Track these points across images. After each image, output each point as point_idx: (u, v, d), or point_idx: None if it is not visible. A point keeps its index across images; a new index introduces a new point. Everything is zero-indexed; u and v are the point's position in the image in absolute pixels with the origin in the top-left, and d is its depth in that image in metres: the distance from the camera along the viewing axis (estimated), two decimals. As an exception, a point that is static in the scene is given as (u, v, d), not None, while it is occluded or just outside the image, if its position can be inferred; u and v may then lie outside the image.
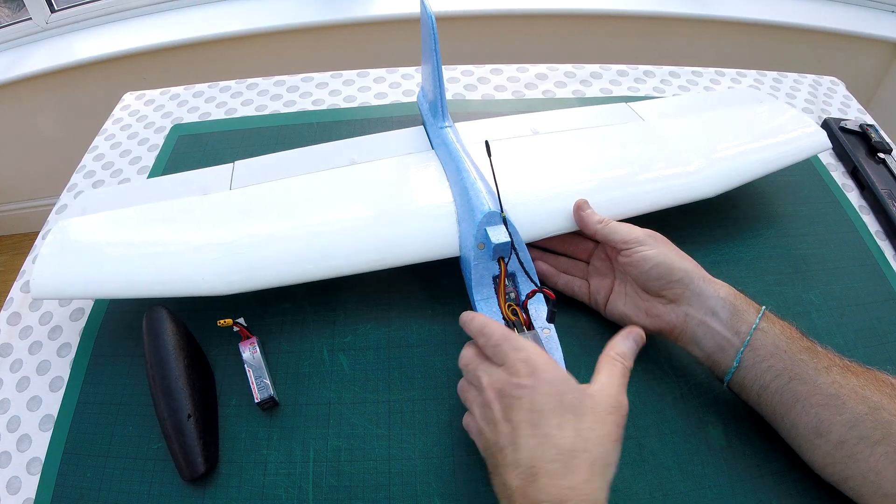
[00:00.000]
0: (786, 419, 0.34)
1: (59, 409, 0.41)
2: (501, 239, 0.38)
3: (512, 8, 1.20)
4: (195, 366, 0.40)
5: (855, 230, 0.53)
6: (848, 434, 0.32)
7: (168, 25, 1.20)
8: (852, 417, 0.32)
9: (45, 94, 1.23)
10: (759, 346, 0.35)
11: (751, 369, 0.35)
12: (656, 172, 0.47)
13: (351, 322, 0.45)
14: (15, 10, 1.25)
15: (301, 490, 0.37)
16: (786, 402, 0.34)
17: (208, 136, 0.62)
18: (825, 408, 0.33)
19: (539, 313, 0.39)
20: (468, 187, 0.43)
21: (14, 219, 1.49)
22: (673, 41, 1.25)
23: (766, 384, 0.35)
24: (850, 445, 0.32)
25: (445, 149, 0.48)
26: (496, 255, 0.39)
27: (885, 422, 0.31)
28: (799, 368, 0.34)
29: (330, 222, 0.43)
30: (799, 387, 0.34)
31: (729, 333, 0.36)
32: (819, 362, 0.34)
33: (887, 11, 1.24)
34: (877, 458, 0.31)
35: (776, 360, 0.35)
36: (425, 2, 0.46)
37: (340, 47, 1.23)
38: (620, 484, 0.37)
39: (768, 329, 0.36)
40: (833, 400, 0.32)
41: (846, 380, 0.33)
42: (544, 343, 0.37)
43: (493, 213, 0.40)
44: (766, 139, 0.51)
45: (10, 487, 0.38)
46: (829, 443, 0.32)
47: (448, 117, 0.51)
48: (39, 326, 0.47)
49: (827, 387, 0.33)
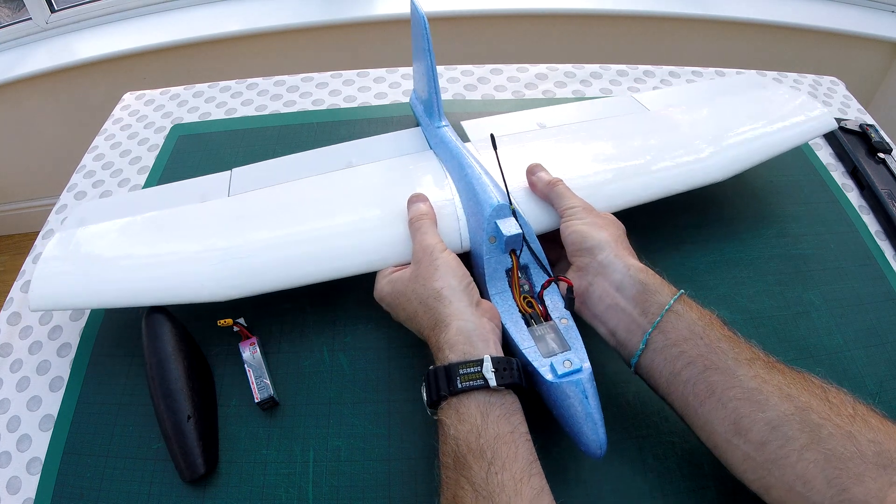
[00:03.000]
0: (699, 413, 0.31)
1: (59, 409, 0.41)
2: (512, 231, 0.38)
3: (512, 8, 1.20)
4: (194, 367, 0.40)
5: (855, 230, 0.53)
6: (770, 434, 0.28)
7: (168, 25, 1.20)
8: (776, 416, 0.28)
9: (45, 94, 1.22)
10: (671, 329, 0.33)
11: (659, 353, 0.33)
12: (667, 161, 0.47)
13: (351, 322, 0.45)
14: (15, 10, 1.25)
15: (301, 490, 0.37)
16: (699, 394, 0.31)
17: (208, 136, 0.62)
18: (745, 402, 0.29)
19: (555, 303, 0.38)
20: (474, 182, 0.42)
21: (14, 219, 1.49)
22: (673, 41, 1.25)
23: (676, 371, 0.32)
24: (774, 448, 0.28)
25: (445, 147, 0.48)
26: (508, 248, 0.39)
27: (814, 424, 0.27)
28: (716, 357, 0.31)
29: (329, 225, 0.43)
30: (715, 377, 0.31)
31: (635, 312, 0.34)
32: (740, 353, 0.31)
33: (887, 11, 1.24)
34: (805, 464, 0.27)
35: (690, 345, 0.32)
36: (416, 2, 0.46)
37: (340, 47, 1.23)
38: (620, 484, 0.37)
39: (683, 312, 0.33)
40: (754, 394, 0.29)
41: (770, 375, 0.30)
42: (563, 333, 0.36)
43: (502, 206, 0.40)
44: (773, 122, 0.52)
45: (10, 487, 0.38)
46: (749, 443, 0.29)
47: (444, 116, 0.51)
48: (39, 326, 0.47)
49: (748, 380, 0.30)
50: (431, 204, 0.43)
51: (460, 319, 0.35)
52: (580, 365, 0.34)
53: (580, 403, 0.33)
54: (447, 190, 0.45)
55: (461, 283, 0.37)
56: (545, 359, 0.35)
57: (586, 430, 0.33)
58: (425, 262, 0.38)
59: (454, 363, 0.32)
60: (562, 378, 0.33)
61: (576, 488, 0.37)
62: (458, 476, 0.30)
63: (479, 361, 0.32)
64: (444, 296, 0.36)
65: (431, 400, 0.33)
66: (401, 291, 0.38)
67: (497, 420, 0.31)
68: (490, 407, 0.31)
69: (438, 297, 0.36)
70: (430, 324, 0.36)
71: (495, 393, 0.32)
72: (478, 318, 0.35)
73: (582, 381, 0.33)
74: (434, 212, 0.42)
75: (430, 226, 0.41)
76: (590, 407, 0.33)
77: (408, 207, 0.43)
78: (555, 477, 0.37)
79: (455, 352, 0.33)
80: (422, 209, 0.42)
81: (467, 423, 0.31)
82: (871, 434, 0.27)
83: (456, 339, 0.34)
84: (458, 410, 0.31)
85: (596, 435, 0.33)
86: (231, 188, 0.49)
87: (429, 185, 0.46)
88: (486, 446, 0.30)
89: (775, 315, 0.46)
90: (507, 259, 0.40)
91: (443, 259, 0.38)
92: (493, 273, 0.40)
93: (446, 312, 0.35)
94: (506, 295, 0.39)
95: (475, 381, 0.31)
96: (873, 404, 0.29)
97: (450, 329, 0.34)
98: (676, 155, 0.48)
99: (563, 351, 0.35)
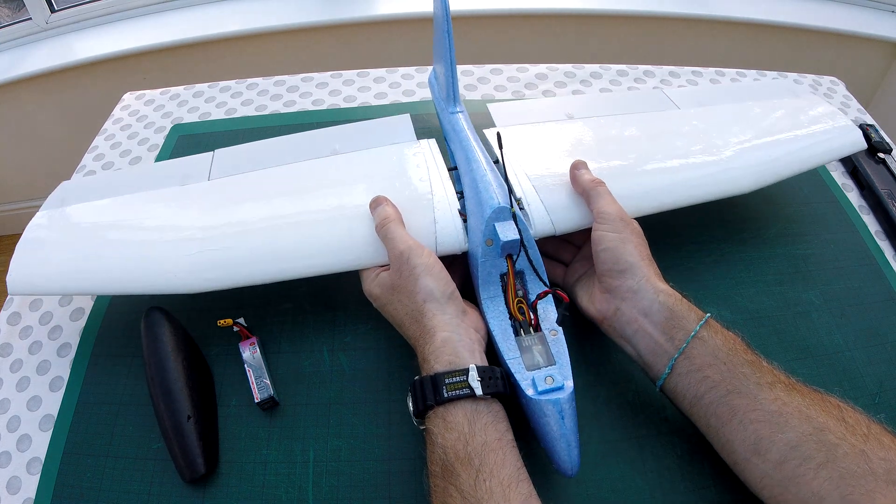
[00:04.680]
0: (721, 433, 0.33)
1: (59, 409, 0.41)
2: (510, 236, 0.37)
3: (512, 8, 1.20)
4: (194, 367, 0.40)
5: (855, 230, 0.53)
6: (789, 454, 0.30)
7: (168, 25, 1.20)
8: (795, 437, 0.30)
9: (45, 94, 1.22)
10: (696, 356, 0.34)
11: (684, 377, 0.34)
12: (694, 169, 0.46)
13: (351, 322, 0.45)
14: (15, 10, 1.25)
15: (301, 490, 0.37)
16: (721, 415, 0.32)
17: (208, 136, 0.62)
18: (765, 424, 0.31)
19: (548, 314, 0.37)
20: (478, 179, 0.41)
21: (14, 219, 1.48)
22: (673, 41, 1.25)
23: (700, 395, 0.33)
24: (792, 467, 0.29)
25: (456, 136, 0.46)
26: (504, 253, 0.38)
27: (831, 444, 0.29)
28: (738, 381, 0.32)
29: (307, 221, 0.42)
30: (737, 400, 0.32)
31: (662, 338, 0.35)
32: (762, 377, 0.32)
33: (887, 11, 1.24)
34: (820, 481, 0.28)
35: (713, 370, 0.33)
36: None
37: (340, 47, 1.23)
38: (620, 484, 0.37)
39: (708, 338, 0.34)
40: (774, 417, 0.31)
41: (790, 398, 0.31)
42: (551, 346, 0.36)
43: (502, 209, 0.38)
44: (803, 139, 0.50)
45: (10, 487, 0.38)
46: (768, 462, 0.30)
47: (460, 102, 0.49)
48: (39, 326, 0.47)
49: (769, 403, 0.31)
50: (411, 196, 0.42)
51: (444, 331, 0.35)
52: (562, 383, 0.34)
53: (556, 423, 0.33)
54: (426, 184, 0.44)
55: (444, 291, 0.37)
56: (528, 372, 0.34)
57: (559, 449, 0.33)
58: (405, 272, 0.37)
59: (440, 373, 0.33)
60: (541, 395, 0.33)
61: (576, 488, 0.37)
62: (446, 484, 0.30)
63: (465, 371, 0.33)
64: (428, 310, 0.36)
65: (418, 410, 0.33)
66: (388, 300, 0.39)
67: (484, 428, 0.31)
68: (477, 415, 0.32)
69: (422, 312, 0.36)
70: (416, 334, 0.37)
71: (482, 401, 0.32)
72: (463, 328, 0.36)
73: (561, 401, 0.33)
74: (398, 212, 0.41)
75: (397, 229, 0.39)
76: (565, 428, 0.33)
77: (371, 213, 0.41)
78: (555, 477, 0.37)
79: (440, 362, 0.34)
80: (385, 213, 0.40)
81: (455, 431, 0.31)
82: (883, 453, 0.28)
83: (441, 350, 0.34)
84: (445, 419, 0.32)
85: (569, 456, 0.32)
86: (212, 171, 0.48)
87: (410, 179, 0.45)
88: (474, 454, 0.30)
89: (775, 315, 0.46)
90: (502, 263, 0.39)
91: (421, 265, 0.37)
92: (486, 277, 0.38)
93: (431, 325, 0.36)
94: (497, 300, 0.38)
95: (461, 390, 0.32)
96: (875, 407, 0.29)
97: (435, 340, 0.35)
98: (705, 163, 0.47)
99: (547, 365, 0.35)
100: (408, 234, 0.39)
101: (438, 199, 0.43)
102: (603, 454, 0.38)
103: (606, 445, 0.39)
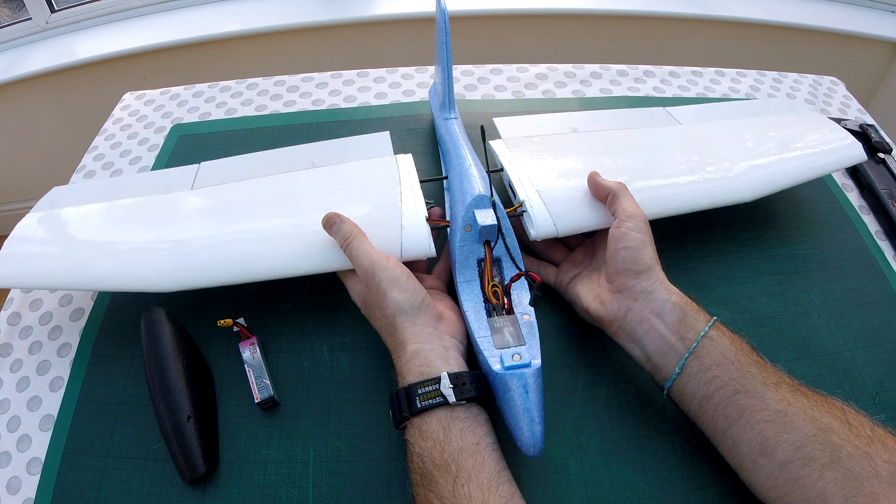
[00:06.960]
0: (728, 434, 0.33)
1: (59, 409, 0.41)
2: (488, 221, 0.39)
3: (512, 8, 1.20)
4: (194, 367, 0.40)
5: (855, 230, 0.53)
6: (794, 455, 0.30)
7: (168, 25, 1.20)
8: (800, 437, 0.30)
9: (45, 94, 1.22)
10: (706, 355, 0.34)
11: (694, 377, 0.34)
12: (697, 175, 0.47)
13: (351, 322, 0.45)
14: (15, 10, 1.25)
15: (301, 490, 0.37)
16: (729, 416, 0.32)
17: (208, 136, 0.62)
18: (771, 424, 0.31)
19: (521, 299, 0.39)
20: (462, 173, 0.44)
21: (14, 219, 1.47)
22: (673, 41, 1.25)
23: (708, 394, 0.33)
24: (797, 467, 0.30)
25: (449, 138, 0.50)
26: (482, 238, 0.40)
27: (835, 445, 0.29)
28: (746, 381, 0.32)
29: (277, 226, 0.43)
30: (744, 400, 0.32)
31: (673, 338, 0.35)
32: (768, 377, 0.33)
33: (887, 11, 1.24)
34: (825, 482, 0.29)
35: (722, 370, 0.33)
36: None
37: (340, 47, 1.23)
38: (620, 484, 0.37)
39: (717, 338, 0.34)
40: (780, 417, 0.31)
41: (795, 398, 0.31)
42: (522, 328, 0.37)
43: (482, 196, 0.40)
44: (806, 153, 0.51)
45: (10, 487, 0.38)
46: (774, 462, 0.31)
47: (455, 109, 0.53)
48: (39, 326, 0.47)
49: (775, 403, 0.31)
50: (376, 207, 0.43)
51: (414, 342, 0.36)
52: (529, 361, 0.34)
53: (520, 398, 0.33)
54: (396, 197, 0.45)
55: (413, 303, 0.37)
56: (497, 350, 0.35)
57: (522, 425, 0.33)
58: (372, 287, 0.38)
59: (412, 384, 0.33)
60: (507, 370, 0.33)
61: (576, 488, 0.37)
62: (426, 492, 0.31)
63: (437, 379, 0.33)
64: (399, 323, 0.37)
65: (396, 422, 0.34)
66: (366, 313, 0.40)
67: (460, 433, 0.32)
68: (452, 422, 0.32)
69: (393, 325, 0.37)
70: (392, 347, 0.37)
71: (457, 408, 0.33)
72: (436, 335, 0.36)
73: (526, 374, 0.33)
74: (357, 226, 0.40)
75: (361, 245, 0.39)
76: (528, 402, 0.33)
77: (330, 232, 0.41)
78: (555, 477, 0.37)
79: (412, 373, 0.34)
80: (344, 230, 0.40)
81: (430, 439, 0.32)
82: (887, 455, 0.29)
83: (412, 362, 0.35)
84: (420, 429, 0.33)
85: (531, 432, 0.32)
86: (196, 182, 0.50)
87: (381, 187, 0.46)
88: (451, 460, 0.30)
89: (775, 315, 0.46)
90: (479, 249, 0.40)
91: (387, 278, 0.37)
92: (463, 261, 0.40)
93: (402, 337, 0.36)
94: (473, 284, 0.40)
95: (434, 400, 0.32)
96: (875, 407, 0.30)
97: (406, 352, 0.35)
98: (707, 172, 0.48)
99: (517, 346, 0.35)
100: (371, 247, 0.39)
101: (407, 207, 0.44)
102: (603, 454, 0.38)
103: (606, 446, 0.39)
